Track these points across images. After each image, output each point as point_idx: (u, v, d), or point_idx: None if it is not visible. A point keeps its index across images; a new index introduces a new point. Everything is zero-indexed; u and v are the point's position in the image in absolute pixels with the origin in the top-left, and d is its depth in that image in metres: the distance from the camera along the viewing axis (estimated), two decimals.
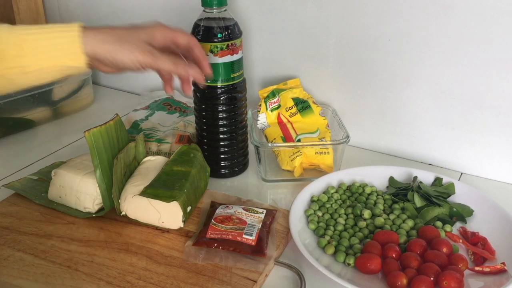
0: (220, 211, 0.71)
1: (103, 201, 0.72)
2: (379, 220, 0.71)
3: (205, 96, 0.82)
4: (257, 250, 0.65)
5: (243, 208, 0.72)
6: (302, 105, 0.91)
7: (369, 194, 0.78)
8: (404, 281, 0.60)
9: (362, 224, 0.71)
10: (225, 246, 0.65)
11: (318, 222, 0.72)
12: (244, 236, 0.66)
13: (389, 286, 0.61)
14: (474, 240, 0.68)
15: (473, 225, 0.72)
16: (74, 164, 0.76)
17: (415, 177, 0.80)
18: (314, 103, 0.92)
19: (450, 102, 0.85)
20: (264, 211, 0.72)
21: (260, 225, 0.69)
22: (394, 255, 0.64)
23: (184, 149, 0.80)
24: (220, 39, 0.77)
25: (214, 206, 0.74)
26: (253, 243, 0.66)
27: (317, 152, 0.84)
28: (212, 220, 0.69)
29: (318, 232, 0.71)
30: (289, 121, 0.90)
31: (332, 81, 0.94)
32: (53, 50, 0.57)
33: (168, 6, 1.05)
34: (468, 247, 0.67)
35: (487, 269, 0.63)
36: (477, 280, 0.62)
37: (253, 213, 0.71)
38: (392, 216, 0.73)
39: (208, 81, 0.80)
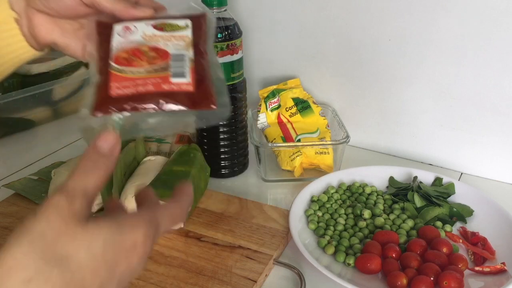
0: (119, 40, 0.44)
1: (103, 201, 0.72)
2: (379, 220, 0.71)
3: None
4: (200, 98, 0.41)
5: (154, 27, 0.45)
6: (302, 105, 0.90)
7: (369, 194, 0.78)
8: (404, 281, 0.60)
9: (362, 224, 0.71)
10: (147, 105, 0.40)
11: (318, 222, 0.72)
12: (172, 79, 0.41)
13: (389, 286, 0.61)
14: (474, 240, 0.68)
15: (473, 225, 0.72)
16: (74, 164, 0.76)
17: (415, 177, 0.80)
18: (314, 103, 0.92)
19: (450, 102, 0.85)
20: (189, 22, 0.46)
21: (191, 51, 0.43)
22: (394, 255, 0.64)
23: (184, 149, 0.80)
24: (220, 39, 0.77)
25: (103, 26, 0.46)
26: (190, 88, 0.41)
27: (317, 152, 0.84)
28: (112, 63, 0.42)
29: (318, 232, 0.70)
30: (289, 121, 0.90)
31: (332, 81, 0.94)
32: None
33: (168, 6, 1.05)
34: (468, 247, 0.67)
35: (487, 269, 0.62)
36: (477, 280, 0.62)
37: (172, 31, 0.45)
38: (392, 216, 0.73)
39: None
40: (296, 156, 0.83)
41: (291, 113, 0.90)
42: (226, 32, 0.77)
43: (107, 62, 0.42)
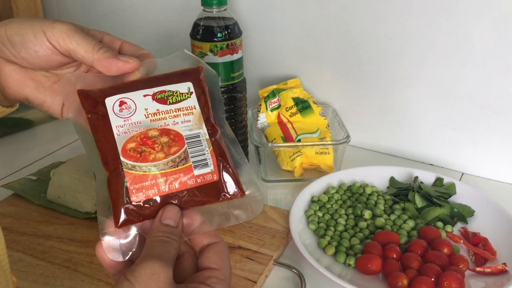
0: (119, 122, 0.39)
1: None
2: (380, 221, 0.71)
3: None
4: (228, 188, 0.41)
5: (155, 99, 0.40)
6: (302, 105, 0.90)
7: (369, 195, 0.78)
8: (405, 281, 0.60)
9: (362, 224, 0.71)
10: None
11: (318, 223, 0.72)
12: (196, 172, 0.38)
13: (389, 286, 0.60)
14: (475, 241, 0.68)
15: (474, 226, 0.72)
16: (73, 164, 0.76)
17: (416, 177, 0.79)
18: (314, 103, 0.92)
19: (451, 102, 0.85)
20: (190, 85, 0.41)
21: (204, 126, 0.40)
22: (394, 256, 0.64)
23: None
24: (220, 39, 0.76)
25: (90, 100, 0.40)
26: (215, 178, 0.39)
27: (317, 152, 0.84)
28: (123, 159, 0.38)
29: (318, 232, 0.70)
30: (289, 121, 0.89)
31: (332, 80, 0.94)
32: None
33: (168, 5, 1.05)
34: (469, 248, 0.67)
35: (488, 270, 0.62)
36: (478, 281, 0.62)
37: (176, 103, 0.40)
38: (392, 217, 0.73)
39: None
40: (296, 156, 0.83)
41: (291, 113, 0.90)
42: (226, 32, 0.77)
43: (114, 154, 0.38)
